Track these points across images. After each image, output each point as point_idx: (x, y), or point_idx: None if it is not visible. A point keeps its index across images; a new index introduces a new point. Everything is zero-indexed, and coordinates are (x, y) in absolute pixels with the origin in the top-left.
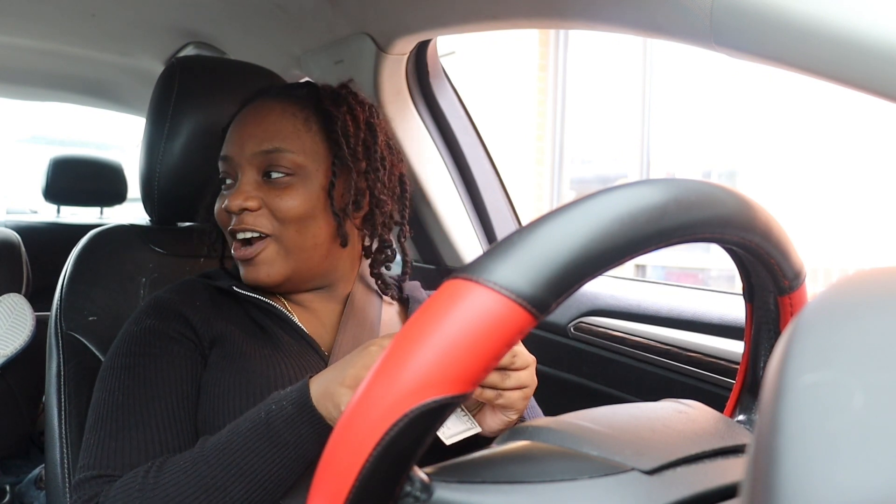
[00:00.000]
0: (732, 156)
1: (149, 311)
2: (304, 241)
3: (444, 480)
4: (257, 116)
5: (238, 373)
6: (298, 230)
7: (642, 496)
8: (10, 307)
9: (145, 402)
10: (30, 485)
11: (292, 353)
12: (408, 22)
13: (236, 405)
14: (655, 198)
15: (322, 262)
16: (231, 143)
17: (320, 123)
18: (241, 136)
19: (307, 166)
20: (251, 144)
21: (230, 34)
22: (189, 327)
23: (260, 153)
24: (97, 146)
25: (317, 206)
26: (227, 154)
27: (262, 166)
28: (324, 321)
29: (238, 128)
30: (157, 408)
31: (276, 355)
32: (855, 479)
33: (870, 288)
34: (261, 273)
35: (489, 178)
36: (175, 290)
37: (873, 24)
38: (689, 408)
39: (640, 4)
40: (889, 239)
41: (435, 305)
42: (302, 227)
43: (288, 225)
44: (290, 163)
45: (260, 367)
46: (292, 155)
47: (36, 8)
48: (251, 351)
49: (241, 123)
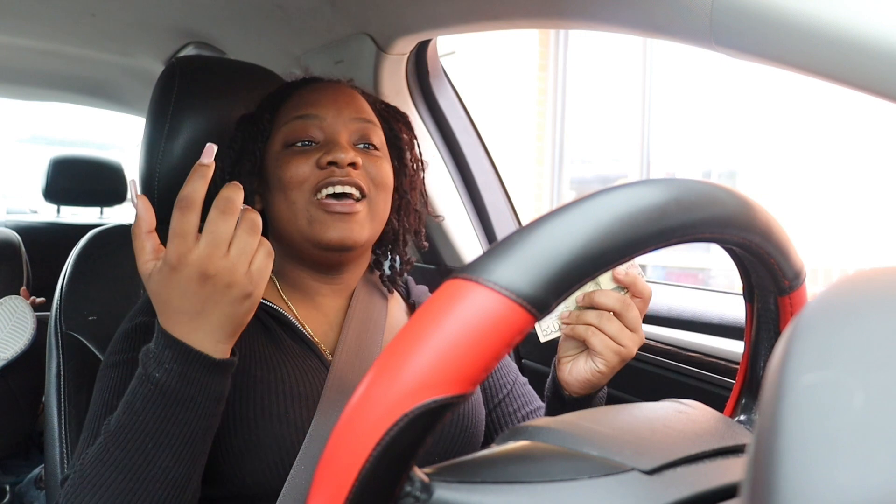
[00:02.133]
0: (732, 156)
1: (143, 308)
2: (384, 212)
3: (444, 480)
4: (346, 91)
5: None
6: (385, 199)
7: (642, 496)
8: (12, 310)
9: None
10: (30, 485)
11: (294, 355)
12: (408, 22)
13: (236, 410)
14: (655, 198)
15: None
16: (321, 105)
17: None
18: (337, 101)
19: (385, 150)
20: (349, 111)
21: (230, 34)
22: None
23: (359, 119)
24: (97, 146)
25: (391, 185)
26: (318, 114)
27: (357, 133)
28: (329, 318)
29: (327, 94)
30: None
31: (276, 357)
32: (855, 478)
33: (870, 288)
34: (355, 231)
35: (489, 178)
36: None
37: (873, 24)
38: (689, 408)
39: (640, 4)
40: (889, 239)
41: (435, 305)
42: (387, 197)
43: (380, 191)
44: (378, 139)
45: (261, 370)
46: (380, 132)
47: (36, 8)
48: (251, 352)
49: (329, 91)
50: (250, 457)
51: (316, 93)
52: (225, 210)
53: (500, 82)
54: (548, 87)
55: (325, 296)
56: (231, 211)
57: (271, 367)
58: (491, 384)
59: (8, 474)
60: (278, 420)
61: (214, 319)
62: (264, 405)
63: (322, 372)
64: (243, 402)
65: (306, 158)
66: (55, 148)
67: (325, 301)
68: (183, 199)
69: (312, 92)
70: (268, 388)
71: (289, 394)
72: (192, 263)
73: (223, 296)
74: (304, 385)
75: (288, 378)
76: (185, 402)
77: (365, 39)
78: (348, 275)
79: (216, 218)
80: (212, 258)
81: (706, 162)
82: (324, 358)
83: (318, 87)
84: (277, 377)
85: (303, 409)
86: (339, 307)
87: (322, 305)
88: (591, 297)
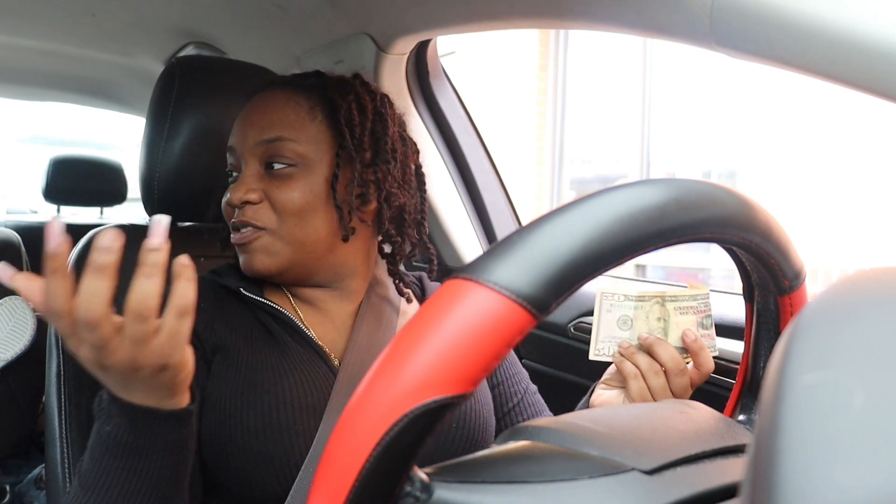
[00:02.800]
0: (732, 156)
1: None
2: (305, 235)
3: (444, 480)
4: (262, 106)
5: (245, 387)
6: (298, 223)
7: (642, 496)
8: (11, 310)
9: None
10: (30, 485)
11: (301, 362)
12: (408, 22)
13: (243, 421)
14: (655, 198)
15: (325, 257)
16: (235, 133)
17: (326, 112)
18: (245, 126)
19: (310, 156)
20: (253, 134)
21: (230, 34)
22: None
23: (262, 142)
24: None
25: (318, 198)
26: (231, 144)
27: (265, 157)
28: (336, 324)
29: (243, 118)
30: None
31: (283, 365)
32: (855, 479)
33: (870, 288)
34: (255, 261)
35: (489, 178)
36: None
37: (873, 24)
38: (689, 408)
39: (640, 4)
40: (889, 239)
41: (435, 305)
42: (301, 221)
43: (287, 218)
44: (292, 153)
45: (267, 380)
46: (294, 144)
47: (36, 8)
48: (257, 360)
49: (247, 113)
50: (257, 468)
51: (239, 118)
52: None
53: (500, 82)
54: (548, 87)
55: (330, 302)
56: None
57: (278, 376)
58: (502, 392)
59: (8, 474)
60: (287, 432)
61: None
62: (272, 417)
63: (329, 379)
64: (250, 413)
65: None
66: (55, 148)
67: (331, 307)
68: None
69: (238, 118)
70: (275, 399)
71: (296, 405)
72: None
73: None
74: (312, 395)
75: (295, 388)
76: (142, 453)
77: (365, 39)
78: (346, 282)
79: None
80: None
81: (706, 162)
82: (331, 364)
83: (243, 111)
84: (284, 388)
85: (310, 419)
86: (347, 312)
87: (329, 311)
88: (651, 344)
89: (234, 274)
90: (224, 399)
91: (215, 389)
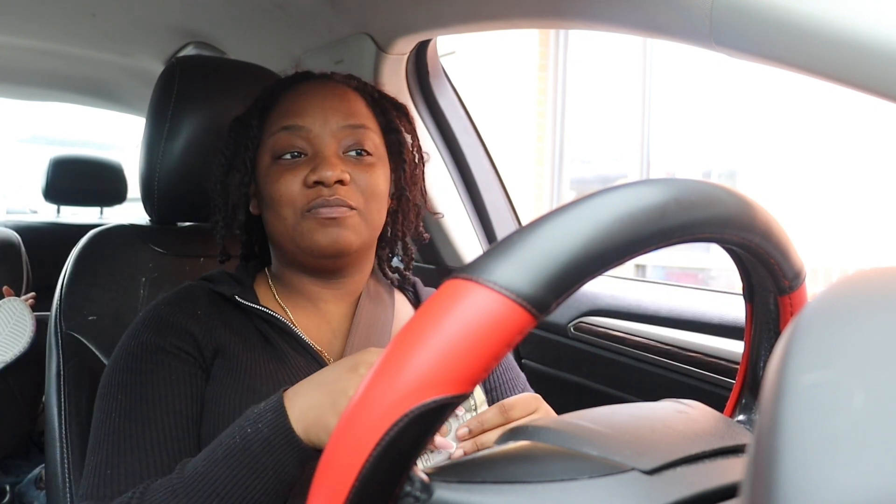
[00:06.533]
0: (732, 156)
1: (147, 323)
2: (379, 221)
3: (444, 480)
4: (335, 93)
5: (243, 392)
6: (378, 209)
7: (642, 496)
8: (11, 312)
9: (141, 425)
10: (30, 485)
11: (298, 367)
12: (408, 22)
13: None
14: (655, 198)
15: (373, 247)
16: (307, 114)
17: (378, 117)
18: (324, 109)
19: (380, 152)
20: (336, 118)
21: (230, 34)
22: (189, 340)
23: (347, 126)
24: (97, 146)
25: (387, 191)
26: (303, 125)
27: (347, 142)
28: (333, 326)
29: (314, 100)
30: (154, 430)
31: (281, 371)
32: (855, 478)
33: (870, 288)
34: (346, 236)
35: (489, 178)
36: (175, 300)
37: (873, 24)
38: (689, 408)
39: (640, 4)
40: (889, 239)
41: (435, 305)
42: (380, 207)
43: (371, 202)
44: (372, 143)
45: (265, 385)
46: (374, 135)
47: (36, 8)
48: (255, 366)
49: (317, 97)
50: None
51: (303, 97)
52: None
53: (500, 82)
54: (548, 87)
55: (327, 301)
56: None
57: (275, 381)
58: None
59: (8, 474)
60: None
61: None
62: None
63: None
64: None
65: (294, 175)
66: (55, 148)
67: (328, 307)
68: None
69: (300, 97)
70: None
71: None
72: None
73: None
74: None
75: None
76: (258, 470)
77: (365, 39)
78: (350, 279)
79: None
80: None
81: (706, 162)
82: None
83: (305, 91)
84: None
85: None
86: (342, 314)
87: (325, 312)
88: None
89: (227, 279)
90: (222, 405)
91: (214, 395)
